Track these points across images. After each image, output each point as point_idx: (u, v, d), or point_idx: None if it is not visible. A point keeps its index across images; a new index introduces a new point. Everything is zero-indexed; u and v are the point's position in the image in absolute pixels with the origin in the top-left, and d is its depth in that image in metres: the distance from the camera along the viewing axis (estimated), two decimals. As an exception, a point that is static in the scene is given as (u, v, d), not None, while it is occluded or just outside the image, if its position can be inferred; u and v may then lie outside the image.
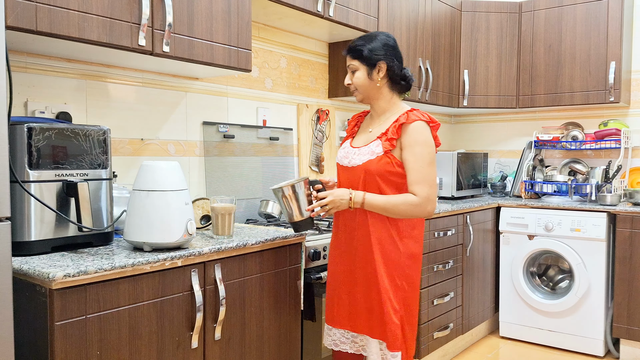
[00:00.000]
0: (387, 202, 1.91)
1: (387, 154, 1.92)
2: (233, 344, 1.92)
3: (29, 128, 1.59)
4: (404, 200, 1.90)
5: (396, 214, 1.92)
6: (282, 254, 2.12)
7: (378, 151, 1.93)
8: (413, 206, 1.90)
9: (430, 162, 1.91)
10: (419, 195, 1.89)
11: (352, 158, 2.00)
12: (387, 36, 2.01)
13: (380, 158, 1.92)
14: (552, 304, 3.44)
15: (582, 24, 3.65)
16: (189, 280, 1.75)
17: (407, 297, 1.98)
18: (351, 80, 2.01)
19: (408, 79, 2.03)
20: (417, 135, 1.91)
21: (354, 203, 1.92)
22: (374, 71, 1.97)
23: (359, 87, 2.01)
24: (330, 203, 1.94)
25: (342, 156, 2.06)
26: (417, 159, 1.90)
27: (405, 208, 1.90)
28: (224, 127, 2.68)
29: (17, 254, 1.59)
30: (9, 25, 1.55)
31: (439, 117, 4.51)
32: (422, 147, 1.90)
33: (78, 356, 1.47)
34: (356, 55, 1.99)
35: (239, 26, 2.26)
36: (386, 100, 2.02)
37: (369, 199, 1.91)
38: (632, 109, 3.82)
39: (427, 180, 1.90)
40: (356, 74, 2.00)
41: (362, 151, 1.98)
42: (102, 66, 2.21)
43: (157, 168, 1.72)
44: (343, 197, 1.92)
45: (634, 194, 3.41)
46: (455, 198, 3.64)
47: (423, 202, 1.90)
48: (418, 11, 3.42)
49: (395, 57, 1.99)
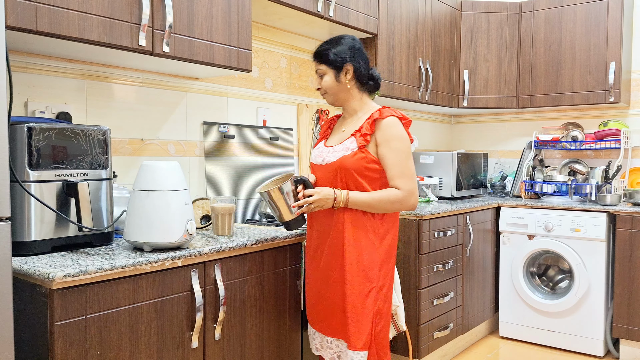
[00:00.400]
0: (371, 198, 1.92)
1: (361, 149, 1.94)
2: (233, 344, 1.92)
3: (29, 128, 1.59)
4: (387, 195, 1.92)
5: (380, 209, 1.93)
6: (282, 254, 2.12)
7: (352, 147, 1.95)
8: (397, 200, 1.92)
9: (408, 156, 1.94)
10: (402, 189, 1.91)
11: (326, 156, 2.02)
12: (352, 39, 2.05)
13: (354, 153, 1.94)
14: (552, 304, 3.44)
15: (582, 24, 3.65)
16: (189, 280, 1.75)
17: (379, 298, 1.97)
18: (320, 85, 2.05)
19: (376, 78, 2.07)
20: (392, 130, 1.93)
21: (338, 202, 1.93)
22: (341, 74, 2.01)
23: (328, 91, 2.04)
24: (316, 202, 1.93)
25: (316, 155, 2.08)
26: (395, 153, 1.92)
27: (390, 203, 1.92)
28: (224, 127, 2.68)
29: (17, 254, 1.59)
30: (9, 25, 1.55)
31: (439, 117, 4.52)
32: (399, 142, 1.93)
33: (78, 356, 1.47)
34: (323, 59, 2.02)
35: (239, 26, 2.26)
36: (356, 100, 2.05)
37: (353, 197, 1.93)
38: (632, 109, 3.82)
39: (407, 173, 1.92)
40: (324, 78, 2.03)
41: (336, 149, 2.00)
42: (102, 66, 2.21)
43: (157, 168, 1.72)
44: (329, 196, 1.93)
45: (633, 194, 3.41)
46: (455, 198, 3.64)
47: (407, 196, 1.92)
48: (418, 11, 3.42)
49: (361, 58, 2.03)
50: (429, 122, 4.40)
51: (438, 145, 4.53)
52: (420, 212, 2.87)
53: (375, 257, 1.97)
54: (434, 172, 3.67)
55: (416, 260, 2.88)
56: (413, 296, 2.89)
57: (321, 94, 2.08)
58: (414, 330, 2.89)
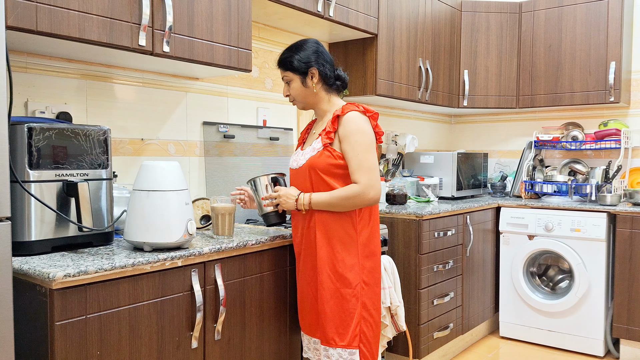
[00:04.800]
0: (331, 197, 1.92)
1: (326, 148, 1.95)
2: (233, 344, 1.92)
3: (29, 128, 1.59)
4: (345, 192, 1.91)
5: (341, 207, 1.93)
6: (282, 254, 2.12)
7: (318, 147, 1.97)
8: (355, 195, 1.91)
9: (366, 149, 1.92)
10: (359, 183, 1.91)
11: (299, 160, 2.04)
12: (315, 42, 2.06)
13: (320, 152, 1.95)
14: (552, 304, 3.44)
15: (582, 24, 3.65)
16: (189, 280, 1.75)
17: (363, 294, 1.96)
18: (288, 92, 2.06)
19: (342, 78, 2.08)
20: (351, 124, 1.93)
21: (302, 205, 1.96)
22: (307, 78, 2.01)
23: (297, 97, 2.05)
24: (278, 198, 2.01)
25: (292, 160, 2.10)
26: (353, 147, 1.92)
27: (347, 199, 1.91)
28: (224, 127, 2.68)
29: (18, 254, 1.59)
30: (9, 25, 1.55)
31: (439, 117, 4.52)
32: (357, 136, 1.92)
33: (78, 356, 1.47)
34: (287, 66, 2.03)
35: (239, 26, 2.26)
36: (325, 102, 2.06)
37: (315, 199, 1.94)
38: (632, 109, 3.82)
39: (364, 166, 1.91)
40: (291, 85, 2.04)
41: (306, 150, 2.03)
42: (102, 66, 2.21)
43: (157, 168, 1.72)
44: (290, 197, 1.99)
45: (634, 194, 3.41)
46: (455, 198, 3.64)
47: (364, 189, 1.90)
48: (418, 11, 3.42)
49: (325, 60, 2.03)
50: (429, 122, 4.40)
51: (438, 145, 4.53)
52: (420, 212, 2.87)
53: (351, 255, 1.95)
54: (434, 172, 3.67)
55: (416, 260, 2.88)
56: (413, 296, 2.89)
57: (290, 101, 2.09)
58: (414, 330, 2.89)
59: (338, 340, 1.93)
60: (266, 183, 2.07)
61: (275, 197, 2.02)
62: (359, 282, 1.95)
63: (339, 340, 1.93)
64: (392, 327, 2.52)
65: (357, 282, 1.95)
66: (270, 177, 2.08)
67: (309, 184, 1.99)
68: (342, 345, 1.93)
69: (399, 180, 3.46)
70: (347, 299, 1.94)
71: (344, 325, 1.93)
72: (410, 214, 2.89)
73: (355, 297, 1.94)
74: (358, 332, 1.95)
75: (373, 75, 3.11)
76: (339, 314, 1.94)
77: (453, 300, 3.20)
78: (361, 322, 1.96)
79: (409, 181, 3.52)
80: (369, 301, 1.98)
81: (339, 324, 1.93)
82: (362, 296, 1.96)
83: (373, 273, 2.01)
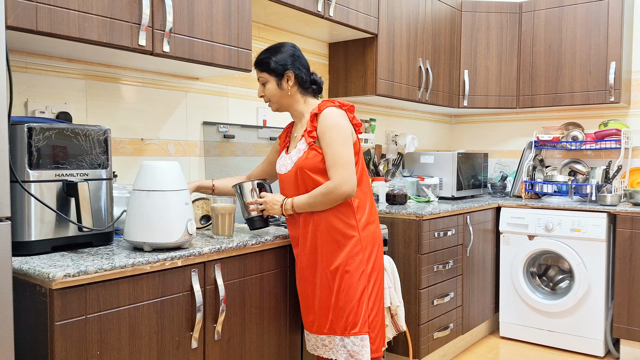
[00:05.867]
0: (310, 197, 1.96)
1: (311, 147, 1.98)
2: (233, 344, 1.92)
3: (29, 128, 1.59)
4: (320, 190, 1.94)
5: (323, 204, 1.95)
6: (282, 254, 2.12)
7: (304, 147, 2.00)
8: (328, 192, 1.92)
9: (341, 143, 1.94)
10: (332, 179, 1.93)
11: (288, 164, 2.06)
12: (293, 46, 2.08)
13: (307, 152, 1.98)
14: (552, 304, 3.44)
15: (583, 24, 3.65)
16: (189, 280, 1.75)
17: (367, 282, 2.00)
18: (263, 92, 2.08)
19: (318, 83, 2.12)
20: (326, 120, 1.95)
21: (286, 210, 2.01)
22: (282, 81, 2.04)
23: (272, 98, 2.08)
24: (264, 204, 2.05)
25: (281, 165, 2.11)
26: (328, 143, 1.94)
27: (323, 196, 1.93)
28: (224, 127, 2.68)
29: (17, 254, 1.59)
30: (9, 25, 1.55)
31: (439, 117, 4.52)
32: (332, 131, 1.94)
33: (78, 356, 1.47)
34: (264, 68, 2.05)
35: (239, 26, 2.26)
36: (301, 104, 2.09)
37: (296, 202, 1.99)
38: (632, 109, 3.82)
39: (338, 161, 1.92)
40: (267, 86, 2.06)
41: (292, 154, 2.05)
42: (102, 66, 2.21)
43: (157, 168, 1.72)
44: (275, 202, 2.03)
45: (634, 194, 3.41)
46: (455, 198, 3.64)
47: (337, 184, 1.91)
48: (418, 11, 3.42)
49: (302, 64, 2.06)
50: (429, 122, 4.40)
51: (438, 145, 4.53)
52: (420, 212, 2.87)
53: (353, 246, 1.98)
54: (434, 172, 3.67)
55: (416, 260, 2.88)
56: (413, 296, 2.89)
57: (265, 101, 2.11)
58: (414, 331, 2.89)
59: (350, 328, 1.98)
60: (251, 188, 2.10)
61: (262, 202, 2.05)
62: (363, 270, 1.99)
63: (351, 328, 1.98)
64: (392, 327, 2.53)
65: (361, 271, 1.98)
66: (256, 182, 2.11)
67: (300, 185, 2.02)
68: (354, 332, 1.98)
69: (399, 180, 3.46)
70: (354, 288, 1.97)
71: (353, 313, 1.97)
72: (411, 214, 2.89)
73: (361, 286, 1.98)
74: (366, 318, 1.99)
75: (373, 75, 3.11)
76: (348, 304, 1.97)
77: (453, 300, 3.20)
78: (367, 309, 1.99)
79: (409, 181, 3.52)
80: (373, 289, 2.02)
81: (348, 313, 1.97)
82: (367, 284, 2.00)
83: (376, 260, 2.04)
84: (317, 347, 2.09)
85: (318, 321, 2.04)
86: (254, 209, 2.06)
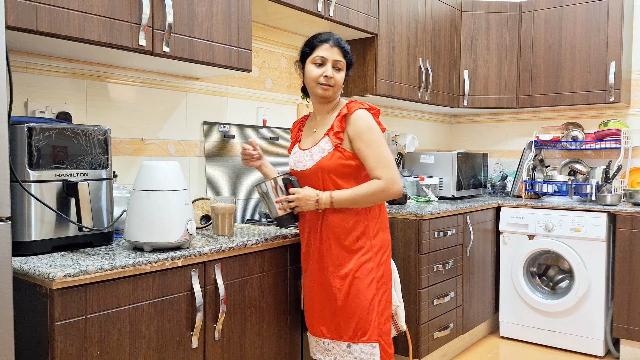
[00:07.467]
0: (355, 194, 1.92)
1: (337, 148, 1.94)
2: (233, 344, 1.92)
3: (29, 128, 1.59)
4: (369, 188, 1.92)
5: (365, 202, 1.94)
6: (282, 254, 2.12)
7: (328, 147, 1.95)
8: (380, 190, 1.91)
9: (382, 144, 1.93)
10: (382, 178, 1.91)
11: (306, 161, 2.00)
12: None
13: (332, 154, 1.94)
14: (552, 304, 3.44)
15: (582, 24, 3.65)
16: (189, 280, 1.75)
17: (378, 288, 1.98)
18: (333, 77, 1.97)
19: None
20: (362, 122, 1.93)
21: (323, 204, 1.93)
22: (348, 72, 2.03)
23: (336, 86, 2.00)
24: (296, 201, 1.96)
25: (296, 161, 2.06)
26: (369, 144, 1.91)
27: (372, 194, 1.92)
28: (224, 127, 2.68)
29: (18, 254, 1.59)
30: (9, 25, 1.55)
31: (439, 117, 4.52)
32: (369, 133, 1.92)
33: (78, 356, 1.47)
34: (345, 54, 2.01)
35: (239, 26, 2.26)
36: (337, 99, 2.06)
37: (337, 197, 1.93)
38: (632, 109, 3.82)
39: (384, 162, 1.91)
40: (340, 73, 2.01)
41: (313, 151, 1.99)
42: (102, 66, 2.21)
43: (158, 168, 1.72)
44: (310, 198, 1.94)
45: (634, 194, 3.41)
46: (455, 198, 3.64)
47: (388, 184, 1.91)
48: (418, 11, 3.42)
49: None
50: (429, 122, 4.40)
51: (438, 145, 4.53)
52: (420, 212, 2.87)
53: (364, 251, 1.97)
54: (434, 172, 3.67)
55: (416, 260, 2.88)
56: (413, 296, 2.89)
57: (325, 87, 1.97)
58: (414, 330, 2.89)
59: (359, 335, 1.95)
60: (280, 185, 2.00)
61: (293, 199, 1.97)
62: (374, 277, 1.97)
63: (360, 335, 1.95)
64: (392, 327, 2.52)
65: (371, 278, 1.96)
66: (280, 179, 2.01)
67: (319, 185, 1.98)
68: (364, 340, 1.95)
69: (399, 180, 3.46)
70: (364, 294, 1.95)
71: (362, 320, 1.95)
72: (411, 214, 2.89)
73: (371, 292, 1.96)
74: (376, 325, 1.96)
75: (373, 75, 3.11)
76: (357, 310, 1.95)
77: (453, 300, 3.20)
78: (377, 316, 1.97)
79: (409, 181, 3.52)
80: (382, 295, 2.00)
81: (358, 320, 1.95)
82: (377, 291, 1.98)
83: (385, 267, 2.03)
84: (317, 351, 2.08)
85: (323, 325, 2.02)
86: (283, 207, 1.99)
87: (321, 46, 1.97)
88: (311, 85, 2.01)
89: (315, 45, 1.98)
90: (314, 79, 1.98)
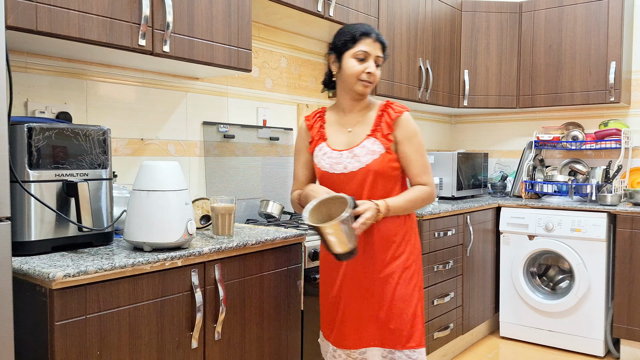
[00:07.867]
0: (407, 200, 1.89)
1: (388, 151, 1.89)
2: (233, 344, 1.92)
3: (29, 128, 1.59)
4: (419, 194, 1.91)
5: (413, 209, 1.94)
6: (282, 254, 2.12)
7: (379, 149, 1.87)
8: (427, 196, 1.93)
9: (425, 151, 1.95)
10: (428, 185, 1.93)
11: (348, 163, 1.88)
12: None
13: (383, 156, 1.88)
14: (552, 304, 3.44)
15: (583, 24, 3.65)
16: (189, 280, 1.75)
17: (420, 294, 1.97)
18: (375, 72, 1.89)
19: None
20: (412, 125, 1.92)
21: (382, 214, 1.80)
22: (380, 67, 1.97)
23: (374, 83, 1.93)
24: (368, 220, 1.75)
25: (334, 162, 1.90)
26: (416, 149, 1.91)
27: (422, 201, 1.93)
28: (224, 127, 2.68)
29: (17, 254, 1.59)
30: (9, 25, 1.55)
31: (439, 117, 4.52)
32: (417, 137, 1.92)
33: (78, 356, 1.47)
34: (384, 50, 1.93)
35: (239, 26, 2.26)
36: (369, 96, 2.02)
37: (392, 204, 1.84)
38: (632, 109, 3.82)
39: (428, 168, 1.95)
40: (379, 70, 1.93)
41: (357, 152, 1.88)
42: (102, 66, 2.21)
43: (157, 168, 1.72)
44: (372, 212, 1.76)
45: (634, 194, 3.41)
46: (455, 198, 3.64)
47: (434, 191, 1.95)
48: (418, 11, 3.42)
49: None
50: (429, 122, 4.40)
51: (438, 145, 4.53)
52: (420, 212, 2.87)
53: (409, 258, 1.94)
54: (434, 172, 3.67)
55: (416, 260, 2.87)
56: (413, 296, 2.89)
57: (367, 83, 1.88)
58: (414, 330, 2.89)
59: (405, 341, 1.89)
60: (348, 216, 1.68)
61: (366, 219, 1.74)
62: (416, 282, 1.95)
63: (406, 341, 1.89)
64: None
65: (414, 283, 1.94)
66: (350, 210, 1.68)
67: (365, 189, 1.88)
68: (412, 346, 1.89)
69: (399, 180, 3.46)
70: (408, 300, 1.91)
71: (410, 326, 1.90)
72: (411, 214, 2.89)
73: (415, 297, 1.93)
74: (421, 329, 1.93)
75: (373, 75, 3.11)
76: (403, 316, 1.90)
77: (453, 300, 3.20)
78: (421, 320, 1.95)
79: (409, 181, 3.52)
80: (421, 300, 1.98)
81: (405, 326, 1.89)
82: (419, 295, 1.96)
83: (421, 271, 2.01)
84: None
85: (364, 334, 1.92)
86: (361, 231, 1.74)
87: (364, 40, 1.86)
88: (350, 81, 1.88)
89: (358, 38, 1.86)
90: (355, 75, 1.86)
